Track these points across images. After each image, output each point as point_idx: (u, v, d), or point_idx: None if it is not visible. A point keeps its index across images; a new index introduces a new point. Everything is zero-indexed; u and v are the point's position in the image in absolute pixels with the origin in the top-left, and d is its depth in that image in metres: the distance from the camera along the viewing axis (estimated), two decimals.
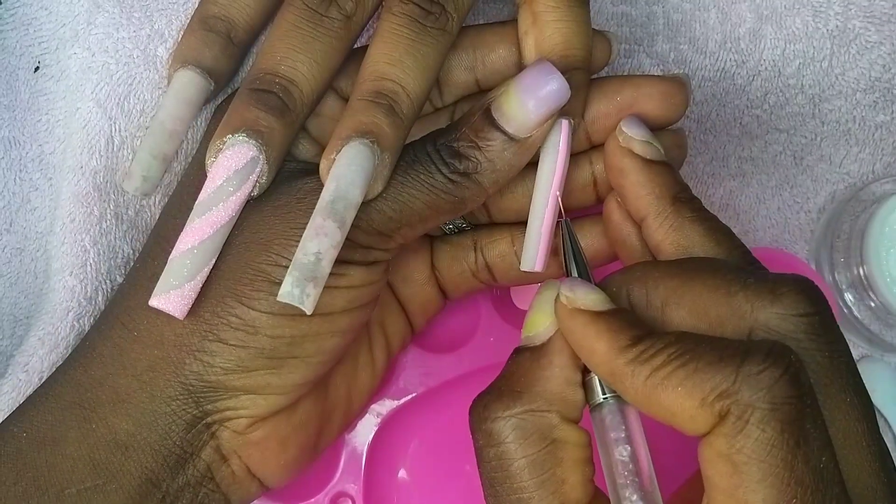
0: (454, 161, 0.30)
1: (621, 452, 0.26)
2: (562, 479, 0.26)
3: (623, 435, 0.27)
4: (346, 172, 0.28)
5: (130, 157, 0.35)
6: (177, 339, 0.30)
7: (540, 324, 0.28)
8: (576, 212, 0.35)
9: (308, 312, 0.27)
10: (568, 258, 0.30)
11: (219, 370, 0.29)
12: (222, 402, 0.30)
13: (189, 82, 0.32)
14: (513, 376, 0.28)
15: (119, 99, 0.36)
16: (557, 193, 0.31)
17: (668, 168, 0.31)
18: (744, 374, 0.24)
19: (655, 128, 0.33)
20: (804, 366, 0.25)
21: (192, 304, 0.29)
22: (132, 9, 0.36)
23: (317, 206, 0.28)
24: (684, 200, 0.30)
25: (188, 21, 0.34)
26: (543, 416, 0.26)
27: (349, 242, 0.29)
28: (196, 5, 0.34)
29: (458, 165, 0.30)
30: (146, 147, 0.32)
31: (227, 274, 0.30)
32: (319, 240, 0.27)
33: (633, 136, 0.31)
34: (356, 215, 0.29)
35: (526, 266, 0.31)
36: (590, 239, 0.34)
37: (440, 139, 0.30)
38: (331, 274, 0.29)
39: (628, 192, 0.31)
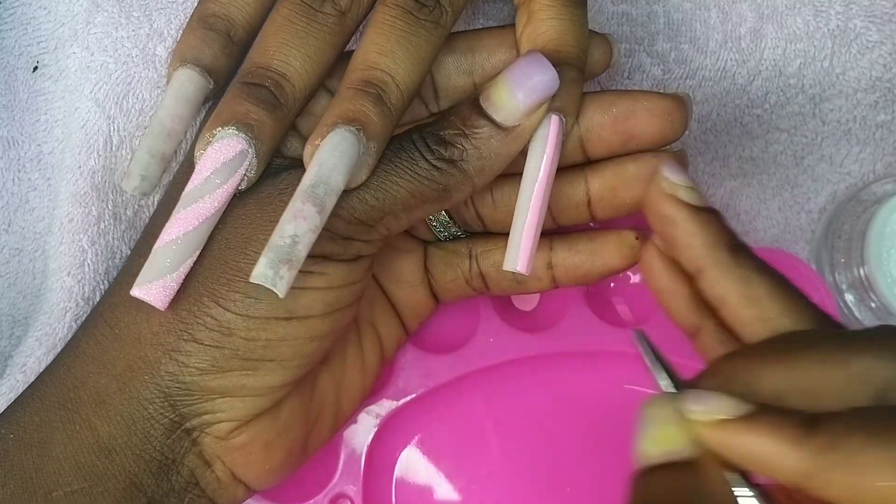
0: (439, 148, 0.30)
1: None
2: None
3: None
4: (329, 158, 0.28)
5: (129, 157, 0.35)
6: (153, 338, 0.30)
7: (677, 439, 0.25)
8: (567, 228, 0.35)
9: (281, 295, 0.26)
10: (655, 368, 0.28)
11: (193, 370, 0.29)
12: (199, 406, 0.30)
13: (188, 81, 0.32)
14: (668, 497, 0.25)
15: (118, 98, 0.35)
16: (545, 189, 0.30)
17: (716, 214, 0.30)
18: None
19: (652, 146, 0.32)
20: None
21: (172, 301, 0.29)
22: (131, 8, 0.36)
23: (297, 190, 0.28)
24: (739, 248, 0.29)
25: (187, 20, 0.34)
26: None
27: (329, 234, 0.29)
28: (195, 4, 0.34)
29: (444, 152, 0.30)
30: (145, 146, 0.32)
31: (206, 272, 0.29)
32: (297, 223, 0.27)
33: (677, 182, 0.30)
34: (338, 203, 0.28)
35: (508, 266, 0.30)
36: (583, 256, 0.34)
37: (426, 128, 0.30)
38: (310, 273, 0.29)
39: (680, 241, 0.30)
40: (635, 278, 0.40)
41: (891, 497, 0.22)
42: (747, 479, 0.25)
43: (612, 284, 0.40)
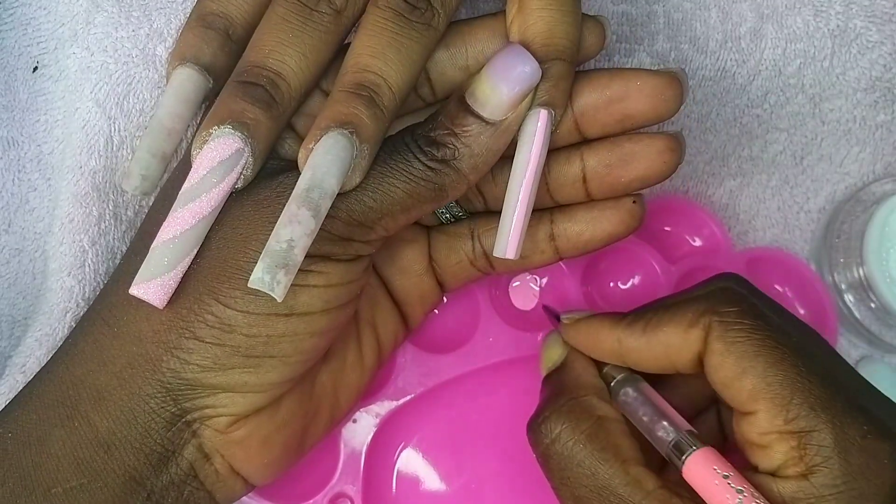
0: (431, 149, 0.30)
1: (645, 412, 0.32)
2: (617, 445, 0.31)
3: (642, 397, 0.33)
4: (323, 161, 0.28)
5: (130, 157, 0.35)
6: (154, 336, 0.30)
7: (555, 354, 0.36)
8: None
9: (279, 300, 0.27)
10: (553, 322, 0.37)
11: (196, 368, 0.29)
12: (200, 400, 0.30)
13: (187, 79, 0.32)
14: (550, 391, 0.34)
15: (118, 98, 0.35)
16: (532, 182, 0.31)
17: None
18: (710, 293, 0.31)
19: (648, 124, 0.32)
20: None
21: (172, 299, 0.29)
22: (131, 8, 0.36)
23: (292, 194, 0.28)
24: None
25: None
26: (585, 399, 0.33)
27: (329, 235, 0.29)
28: (194, 3, 0.34)
29: (436, 153, 0.30)
30: (145, 146, 0.32)
31: (205, 270, 0.29)
32: (293, 227, 0.27)
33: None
34: (336, 206, 0.29)
35: (498, 252, 0.31)
36: (583, 224, 0.34)
37: (418, 130, 0.30)
38: (310, 272, 0.29)
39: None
40: (635, 279, 0.40)
41: (672, 345, 0.31)
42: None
43: (611, 284, 0.41)
